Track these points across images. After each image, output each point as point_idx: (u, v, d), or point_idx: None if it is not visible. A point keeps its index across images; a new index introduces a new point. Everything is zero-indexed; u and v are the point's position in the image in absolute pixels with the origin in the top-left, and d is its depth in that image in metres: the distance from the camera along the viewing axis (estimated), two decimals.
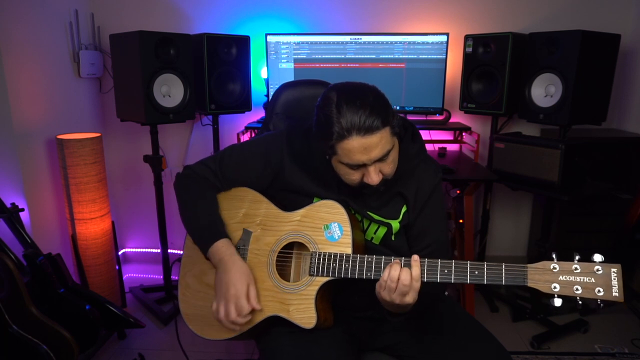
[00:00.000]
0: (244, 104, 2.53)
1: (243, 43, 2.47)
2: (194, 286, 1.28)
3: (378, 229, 1.23)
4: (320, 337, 1.15)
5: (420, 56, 2.49)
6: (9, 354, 1.56)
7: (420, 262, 1.04)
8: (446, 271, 1.03)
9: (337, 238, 1.15)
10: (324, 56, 2.54)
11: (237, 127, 2.78)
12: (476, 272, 1.01)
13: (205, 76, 2.35)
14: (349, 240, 1.14)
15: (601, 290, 0.93)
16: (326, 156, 1.14)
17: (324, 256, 1.13)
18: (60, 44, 2.41)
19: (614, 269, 0.93)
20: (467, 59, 2.45)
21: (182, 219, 1.28)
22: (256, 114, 2.73)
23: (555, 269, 0.97)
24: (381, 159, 1.07)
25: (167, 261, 2.52)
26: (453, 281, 1.03)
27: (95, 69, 2.61)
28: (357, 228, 1.19)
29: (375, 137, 1.03)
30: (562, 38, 2.10)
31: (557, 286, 0.96)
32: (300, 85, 1.61)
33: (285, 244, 1.20)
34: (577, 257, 0.96)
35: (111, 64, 2.38)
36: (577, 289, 0.95)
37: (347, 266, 1.11)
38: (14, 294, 1.60)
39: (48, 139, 2.30)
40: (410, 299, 1.03)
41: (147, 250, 3.04)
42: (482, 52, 2.40)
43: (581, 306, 0.96)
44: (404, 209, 1.23)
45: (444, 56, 2.47)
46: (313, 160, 1.22)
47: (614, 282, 0.93)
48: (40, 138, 2.26)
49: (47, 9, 2.30)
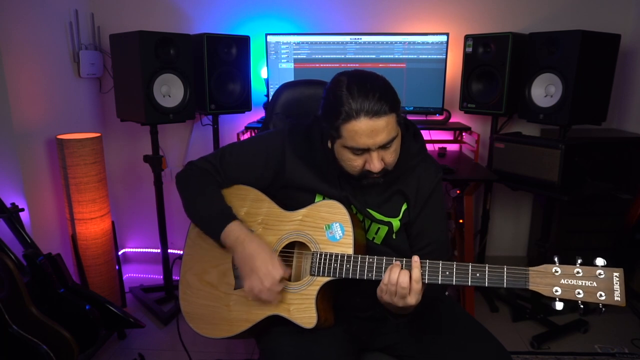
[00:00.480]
0: (244, 104, 2.53)
1: (243, 43, 2.47)
2: (195, 285, 1.28)
3: (379, 229, 1.23)
4: (320, 337, 1.15)
5: (420, 56, 2.49)
6: (9, 354, 1.55)
7: (421, 263, 1.04)
8: (447, 273, 1.03)
9: (338, 238, 1.15)
10: (324, 56, 2.54)
11: (237, 127, 2.78)
12: (477, 275, 1.01)
13: (205, 76, 2.35)
14: (350, 240, 1.13)
15: (603, 294, 0.92)
16: (329, 142, 1.15)
17: (325, 256, 1.13)
18: (60, 44, 2.40)
19: (616, 273, 0.93)
20: (467, 59, 2.45)
21: (188, 212, 1.28)
22: (256, 114, 2.73)
23: (557, 272, 0.96)
24: (384, 146, 1.08)
25: (167, 261, 2.52)
26: (454, 283, 1.03)
27: (95, 69, 2.61)
28: (359, 228, 1.19)
29: (382, 121, 1.04)
30: (562, 38, 2.10)
31: (558, 290, 0.95)
32: (300, 85, 1.61)
33: (286, 243, 1.20)
34: (579, 261, 0.96)
35: (111, 64, 2.38)
36: (578, 293, 0.94)
37: (348, 266, 1.11)
38: (14, 294, 1.60)
39: (48, 139, 2.30)
40: (412, 300, 1.03)
41: (147, 250, 3.04)
42: (482, 52, 2.40)
43: (582, 310, 0.96)
44: (404, 206, 1.23)
45: (444, 56, 2.47)
46: (315, 155, 1.22)
47: (616, 287, 0.92)
48: (40, 138, 2.26)
49: (47, 9, 2.30)
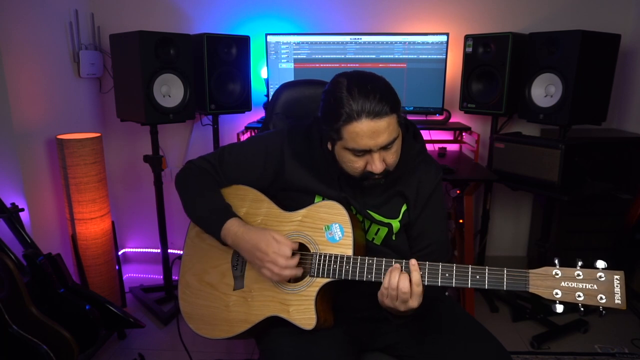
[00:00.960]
0: (244, 104, 2.53)
1: (243, 43, 2.47)
2: (195, 285, 1.28)
3: (379, 230, 1.23)
4: (320, 338, 1.15)
5: (420, 56, 2.49)
6: (9, 354, 1.55)
7: (421, 265, 1.04)
8: (447, 275, 1.03)
9: (338, 239, 1.14)
10: (324, 56, 2.54)
11: (237, 127, 2.78)
12: (477, 277, 1.01)
13: (205, 76, 2.35)
14: (349, 241, 1.13)
15: (603, 297, 0.92)
16: (329, 145, 1.14)
17: (325, 257, 1.13)
18: (60, 44, 2.40)
19: (616, 276, 0.92)
20: (467, 59, 2.45)
21: (188, 211, 1.28)
22: (256, 114, 2.73)
23: (557, 275, 0.96)
24: (386, 147, 1.08)
25: (167, 261, 2.53)
26: (454, 285, 1.02)
27: (95, 69, 2.61)
28: (359, 228, 1.19)
29: (383, 122, 1.03)
30: (562, 38, 2.10)
31: (559, 292, 0.95)
32: (300, 85, 1.61)
33: None
34: (580, 264, 0.95)
35: (111, 64, 2.38)
36: (579, 296, 0.94)
37: (347, 268, 1.11)
38: (14, 294, 1.60)
39: (48, 139, 2.30)
40: (414, 303, 1.03)
41: (147, 250, 3.04)
42: (482, 52, 2.40)
43: (583, 312, 0.95)
44: (404, 207, 1.23)
45: (444, 56, 2.47)
46: (314, 157, 1.22)
47: (617, 289, 0.92)
48: (40, 138, 2.26)
49: (47, 9, 2.30)
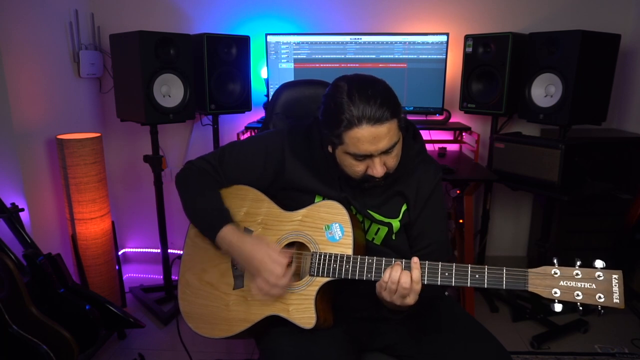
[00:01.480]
0: (244, 104, 2.53)
1: (243, 43, 2.47)
2: (194, 284, 1.28)
3: (379, 229, 1.23)
4: (320, 337, 1.15)
5: (420, 56, 2.49)
6: (9, 354, 1.55)
7: (420, 264, 1.04)
8: (447, 274, 1.04)
9: (338, 239, 1.15)
10: (324, 56, 2.54)
11: (237, 127, 2.78)
12: (477, 276, 1.01)
13: (205, 76, 2.35)
14: (349, 241, 1.13)
15: (602, 296, 0.93)
16: (330, 148, 1.14)
17: (325, 257, 1.13)
18: (60, 44, 2.40)
19: (615, 275, 0.93)
20: (467, 59, 2.45)
21: (187, 211, 1.28)
22: (256, 114, 2.73)
23: (556, 274, 0.96)
24: (386, 152, 1.08)
25: (167, 261, 2.53)
26: (453, 284, 1.03)
27: (95, 69, 2.61)
28: (359, 228, 1.19)
29: (384, 127, 1.03)
30: (562, 38, 2.10)
31: (557, 291, 0.96)
32: (300, 85, 1.61)
33: (286, 243, 1.20)
34: (579, 263, 0.96)
35: (111, 64, 2.38)
36: (577, 295, 0.94)
37: (347, 267, 1.11)
38: (14, 294, 1.60)
39: (48, 139, 2.30)
40: (410, 300, 1.04)
41: (147, 250, 3.04)
42: (482, 52, 2.40)
43: (582, 312, 0.96)
44: (404, 207, 1.23)
45: (444, 56, 2.47)
46: (315, 156, 1.22)
47: (615, 289, 0.92)
48: (40, 138, 2.26)
49: (47, 9, 2.30)
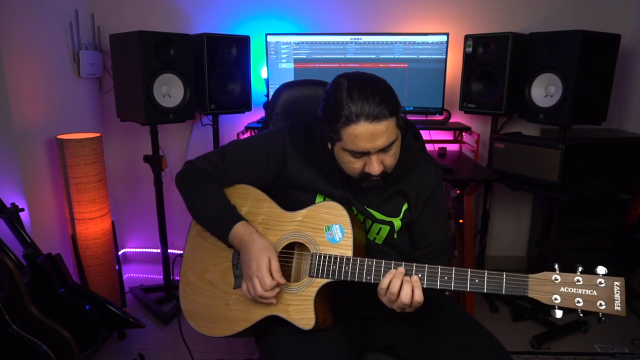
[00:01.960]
0: (244, 104, 2.53)
1: (243, 43, 2.47)
2: (196, 283, 1.28)
3: (381, 229, 1.23)
4: (320, 337, 1.15)
5: (420, 56, 2.49)
6: (9, 354, 1.55)
7: (419, 267, 1.05)
8: (446, 278, 1.03)
9: (338, 240, 1.15)
10: (324, 56, 2.54)
11: (237, 127, 2.78)
12: (476, 281, 1.01)
13: (205, 76, 2.35)
14: (349, 242, 1.13)
15: (603, 303, 0.91)
16: (329, 144, 1.14)
17: (324, 258, 1.13)
18: (60, 44, 2.40)
19: (616, 282, 0.91)
20: (467, 59, 2.45)
21: (192, 212, 1.28)
22: (256, 114, 2.73)
23: (556, 280, 0.95)
24: (384, 150, 1.08)
25: (167, 261, 2.53)
26: (453, 288, 1.03)
27: (95, 69, 2.61)
28: (359, 229, 1.19)
29: (382, 125, 1.04)
30: (562, 38, 2.10)
31: (558, 298, 0.94)
32: (300, 85, 1.61)
33: (286, 243, 1.20)
34: (580, 269, 0.95)
35: (111, 64, 2.38)
36: (578, 302, 0.93)
37: (347, 269, 1.11)
38: (14, 294, 1.60)
39: (48, 139, 2.30)
40: (410, 310, 1.05)
41: (147, 250, 3.04)
42: (482, 52, 2.40)
43: (582, 318, 0.95)
44: (405, 206, 1.23)
45: (444, 56, 2.47)
46: (316, 154, 1.22)
47: (617, 296, 0.91)
48: (40, 138, 2.26)
49: (47, 9, 2.30)
